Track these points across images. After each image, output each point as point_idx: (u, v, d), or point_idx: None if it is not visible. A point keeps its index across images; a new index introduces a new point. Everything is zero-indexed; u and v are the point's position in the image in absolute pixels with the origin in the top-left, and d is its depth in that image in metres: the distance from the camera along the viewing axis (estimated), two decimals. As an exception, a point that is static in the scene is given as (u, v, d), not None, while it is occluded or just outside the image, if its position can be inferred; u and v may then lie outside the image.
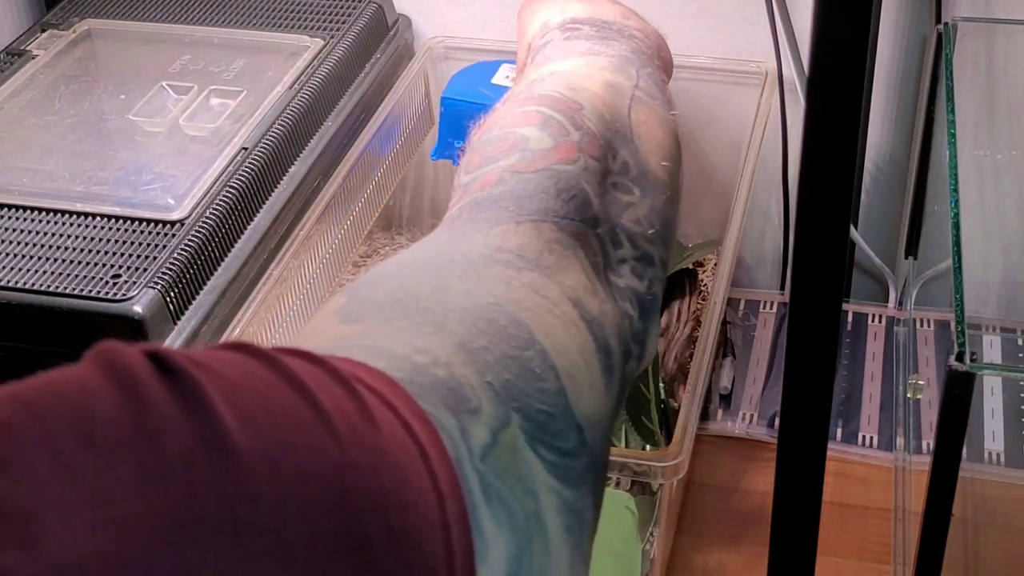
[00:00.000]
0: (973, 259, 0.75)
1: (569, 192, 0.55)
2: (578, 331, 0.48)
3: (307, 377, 0.34)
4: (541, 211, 0.53)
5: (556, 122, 0.58)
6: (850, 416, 1.03)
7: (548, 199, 0.54)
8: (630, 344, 0.53)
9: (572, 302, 0.49)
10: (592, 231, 0.54)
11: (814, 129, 0.56)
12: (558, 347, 0.46)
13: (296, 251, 0.88)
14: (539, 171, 0.55)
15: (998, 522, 0.94)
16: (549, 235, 0.52)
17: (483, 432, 0.39)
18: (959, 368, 0.65)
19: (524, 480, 0.40)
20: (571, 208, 0.54)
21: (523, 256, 0.50)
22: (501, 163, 0.56)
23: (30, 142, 0.96)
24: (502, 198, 0.54)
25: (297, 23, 1.10)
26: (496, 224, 0.52)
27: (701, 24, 1.13)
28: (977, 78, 1.03)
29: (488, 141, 0.58)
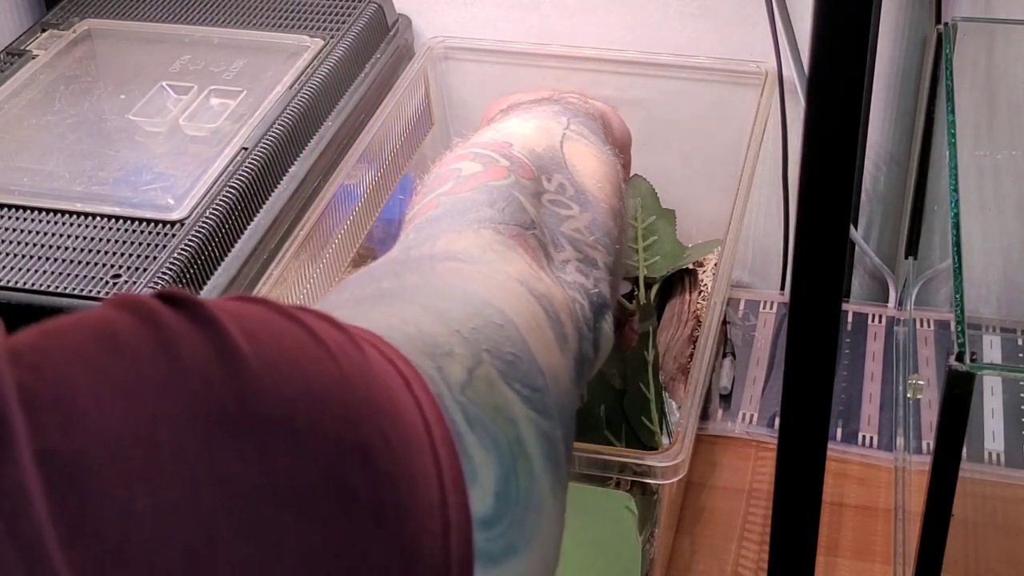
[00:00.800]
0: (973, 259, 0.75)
1: (503, 201, 0.61)
2: (528, 302, 0.53)
3: (302, 315, 0.38)
4: (478, 219, 0.59)
5: (487, 156, 0.65)
6: (850, 416, 1.03)
7: (483, 208, 0.60)
8: (581, 325, 0.58)
9: (519, 281, 0.54)
10: (528, 231, 0.60)
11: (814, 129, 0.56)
12: (513, 309, 0.50)
13: (296, 251, 0.88)
14: (472, 189, 0.62)
15: (998, 522, 0.94)
16: (488, 238, 0.58)
17: (459, 370, 0.43)
18: (959, 368, 0.65)
19: (504, 410, 0.44)
20: (506, 214, 0.60)
21: (467, 254, 0.56)
22: (437, 191, 0.63)
23: (30, 142, 0.96)
24: (441, 217, 0.60)
25: (297, 23, 1.10)
26: (439, 237, 0.58)
27: (701, 24, 1.13)
28: (977, 78, 1.03)
29: (426, 182, 0.66)
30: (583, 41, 1.14)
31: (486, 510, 0.40)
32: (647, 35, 1.15)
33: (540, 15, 1.17)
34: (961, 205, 0.77)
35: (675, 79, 1.09)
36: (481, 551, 0.39)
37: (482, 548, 0.39)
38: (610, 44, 1.13)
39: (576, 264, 0.62)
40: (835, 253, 0.59)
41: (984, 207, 0.97)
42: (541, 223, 0.62)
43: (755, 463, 1.00)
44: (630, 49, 1.12)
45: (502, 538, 0.41)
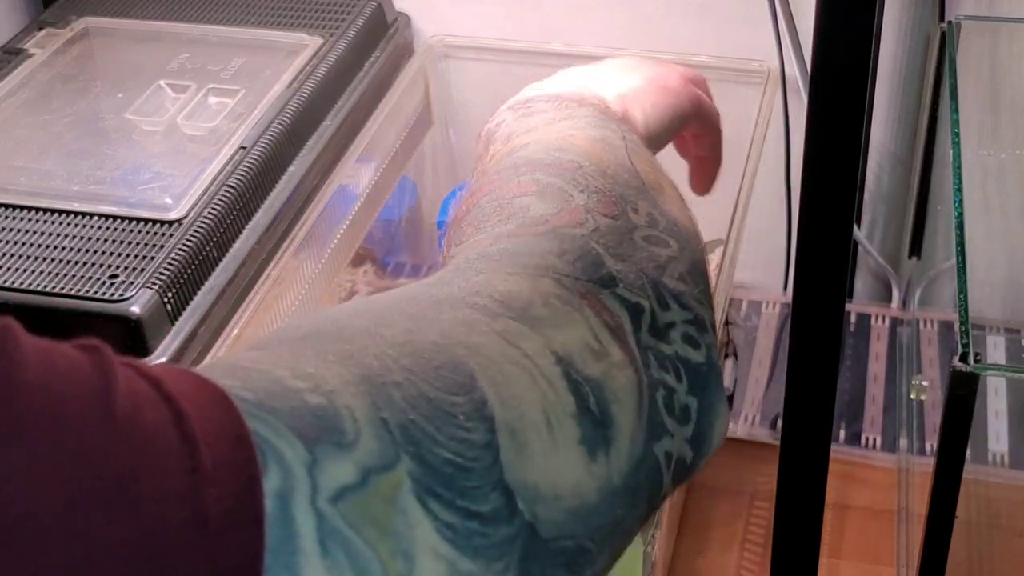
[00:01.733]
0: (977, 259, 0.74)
1: (575, 253, 0.48)
2: (551, 388, 0.42)
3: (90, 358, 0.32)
4: (539, 266, 0.47)
5: (556, 188, 0.52)
6: (853, 417, 1.03)
7: (549, 257, 0.48)
8: (663, 418, 0.46)
9: (557, 358, 0.44)
10: (607, 291, 0.48)
11: (817, 128, 0.56)
12: (508, 399, 0.40)
13: (295, 251, 0.88)
14: (540, 234, 0.50)
15: (1002, 523, 0.94)
16: (546, 288, 0.46)
17: (349, 470, 0.34)
18: (963, 369, 0.65)
19: (396, 536, 0.35)
20: (577, 268, 0.48)
21: (505, 303, 0.45)
22: (497, 230, 0.51)
23: (27, 141, 0.95)
24: (494, 255, 0.49)
25: (296, 21, 1.10)
26: (481, 273, 0.47)
27: (703, 23, 1.13)
28: (981, 77, 1.03)
29: (480, 212, 0.53)
30: (584, 39, 1.14)
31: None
32: (649, 33, 1.14)
33: (541, 13, 1.16)
34: (965, 205, 0.76)
35: (677, 78, 1.09)
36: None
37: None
38: (611, 42, 1.13)
39: (683, 329, 0.49)
40: (838, 253, 0.58)
41: (988, 207, 0.97)
42: (633, 276, 0.49)
43: (757, 464, 0.99)
44: (632, 47, 1.11)
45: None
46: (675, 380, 0.47)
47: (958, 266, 0.72)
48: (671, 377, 0.47)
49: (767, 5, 1.07)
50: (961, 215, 0.75)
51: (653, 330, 0.48)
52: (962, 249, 0.73)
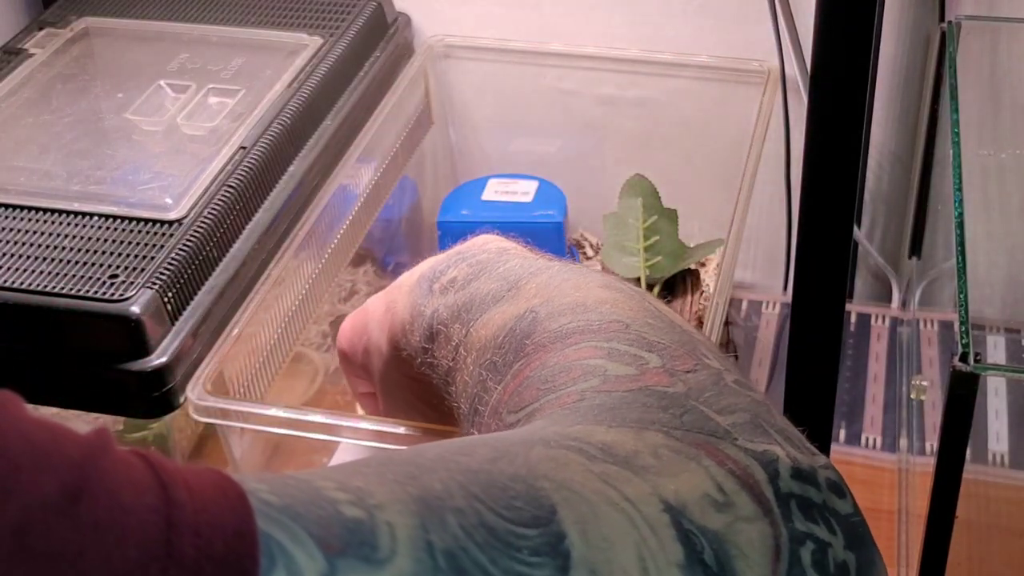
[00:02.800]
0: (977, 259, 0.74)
1: (679, 409, 0.44)
2: (653, 535, 0.38)
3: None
4: (643, 420, 0.42)
5: (622, 352, 0.48)
6: (853, 417, 1.02)
7: (652, 412, 0.43)
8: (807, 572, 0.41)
9: (666, 505, 0.39)
10: (724, 440, 0.42)
11: (817, 128, 0.56)
12: (594, 539, 0.37)
13: (295, 251, 0.87)
14: (633, 391, 0.45)
15: (1002, 524, 0.93)
16: (655, 440, 0.41)
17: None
18: (963, 369, 0.64)
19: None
20: (685, 422, 0.43)
21: (607, 451, 0.40)
22: (579, 387, 0.46)
23: (27, 141, 0.95)
24: (585, 409, 0.44)
25: (296, 21, 1.10)
26: (579, 423, 0.42)
27: (703, 22, 1.13)
28: (981, 77, 1.03)
29: (542, 374, 0.48)
30: (584, 39, 1.14)
31: None
32: (649, 33, 1.14)
33: (541, 13, 1.16)
34: (965, 204, 0.76)
35: (677, 77, 1.09)
36: None
37: None
38: (611, 42, 1.13)
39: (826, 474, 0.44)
40: (838, 253, 0.58)
41: (988, 206, 0.97)
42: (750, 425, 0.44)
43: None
44: (632, 47, 1.11)
45: None
46: (827, 532, 0.42)
47: (958, 266, 0.72)
48: (822, 529, 0.42)
49: (767, 5, 1.07)
50: (961, 215, 0.75)
51: (797, 475, 0.43)
52: (962, 249, 0.73)
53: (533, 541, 0.35)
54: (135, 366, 0.79)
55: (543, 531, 0.36)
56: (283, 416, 0.75)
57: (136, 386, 0.79)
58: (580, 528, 0.37)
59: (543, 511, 0.36)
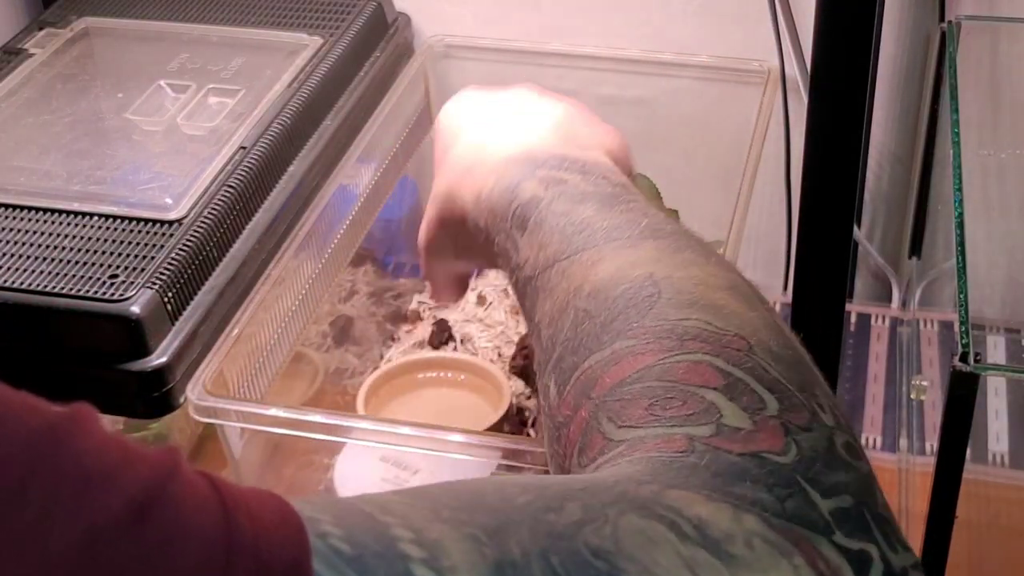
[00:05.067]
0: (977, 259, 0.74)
1: (786, 490, 0.41)
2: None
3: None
4: (747, 499, 0.40)
5: (744, 386, 0.45)
6: (853, 417, 1.02)
7: (758, 489, 0.41)
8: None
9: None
10: (825, 538, 0.41)
11: (817, 128, 0.56)
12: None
13: (295, 251, 0.87)
14: (744, 455, 0.43)
15: (1002, 524, 0.93)
16: (751, 526, 0.39)
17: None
18: (963, 369, 0.64)
19: None
20: (788, 508, 0.41)
21: (700, 529, 0.38)
22: (689, 430, 0.44)
23: (27, 141, 0.95)
24: (693, 467, 0.42)
25: (296, 21, 1.10)
26: (676, 487, 0.41)
27: (703, 22, 1.13)
28: (981, 77, 1.03)
29: (654, 392, 0.46)
30: (584, 39, 1.14)
31: None
32: (649, 33, 1.14)
33: (541, 13, 1.16)
34: (965, 204, 0.76)
35: (677, 78, 1.09)
36: None
37: None
38: (612, 42, 1.13)
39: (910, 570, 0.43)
40: (838, 253, 0.58)
41: (988, 206, 0.97)
42: (854, 517, 0.42)
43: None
44: (632, 47, 1.11)
45: None
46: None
47: (958, 266, 0.72)
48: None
49: (767, 5, 1.06)
50: (961, 215, 0.75)
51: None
52: (962, 249, 0.73)
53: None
54: (135, 366, 0.79)
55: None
56: (283, 416, 0.75)
57: (136, 386, 0.79)
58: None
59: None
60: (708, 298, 0.49)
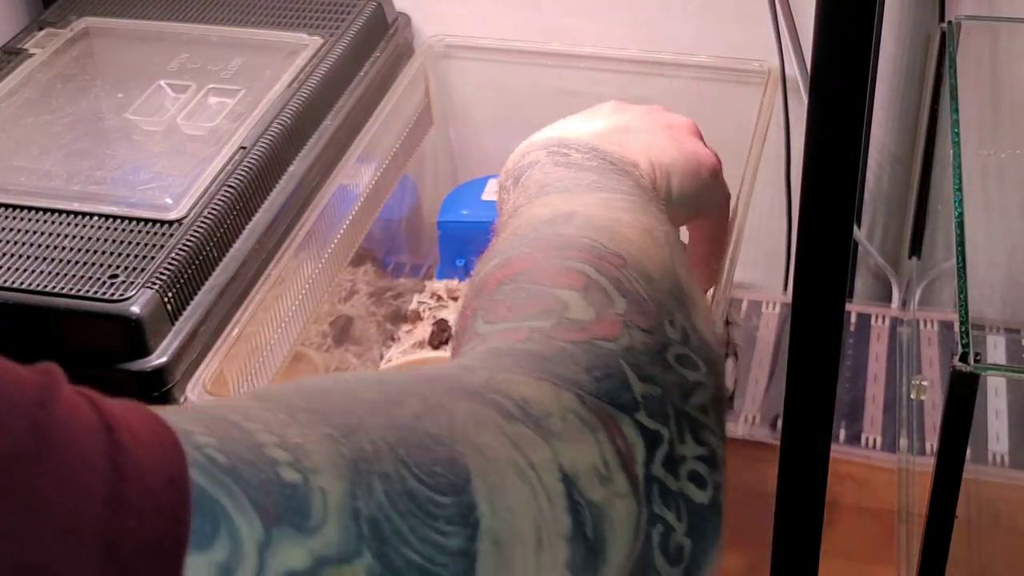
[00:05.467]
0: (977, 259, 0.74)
1: (603, 370, 0.47)
2: (550, 506, 0.41)
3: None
4: (565, 378, 0.46)
5: (599, 288, 0.51)
6: (853, 417, 1.02)
7: (578, 371, 0.47)
8: (654, 557, 0.45)
9: (563, 475, 0.42)
10: (627, 416, 0.46)
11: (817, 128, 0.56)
12: (501, 509, 0.40)
13: (295, 251, 0.87)
14: (575, 343, 0.48)
15: (1002, 524, 0.93)
16: (568, 403, 0.45)
17: (301, 556, 0.33)
18: (963, 369, 0.64)
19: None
20: (601, 388, 0.46)
21: (524, 409, 0.43)
22: (533, 323, 0.49)
23: (27, 141, 0.95)
24: (526, 354, 0.47)
25: (296, 21, 1.10)
26: (507, 371, 0.46)
27: (703, 22, 1.13)
28: (981, 77, 1.03)
29: (518, 294, 0.51)
30: (584, 39, 1.14)
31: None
32: (649, 33, 1.14)
33: (541, 13, 1.16)
34: (965, 204, 0.76)
35: (677, 78, 1.09)
36: None
37: None
38: (611, 42, 1.13)
39: (692, 465, 0.48)
40: (838, 253, 0.58)
41: (988, 206, 0.97)
42: (657, 402, 0.48)
43: (757, 464, 0.99)
44: (631, 47, 1.11)
45: None
46: (675, 518, 0.46)
47: (958, 266, 0.72)
48: (672, 515, 0.46)
49: (767, 5, 1.06)
50: (961, 215, 0.75)
51: (667, 462, 0.47)
52: (962, 249, 0.73)
53: (448, 510, 0.38)
54: (135, 366, 0.79)
55: (457, 500, 0.38)
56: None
57: (136, 386, 0.79)
58: (489, 499, 0.39)
59: (459, 479, 0.39)
60: (613, 229, 0.55)
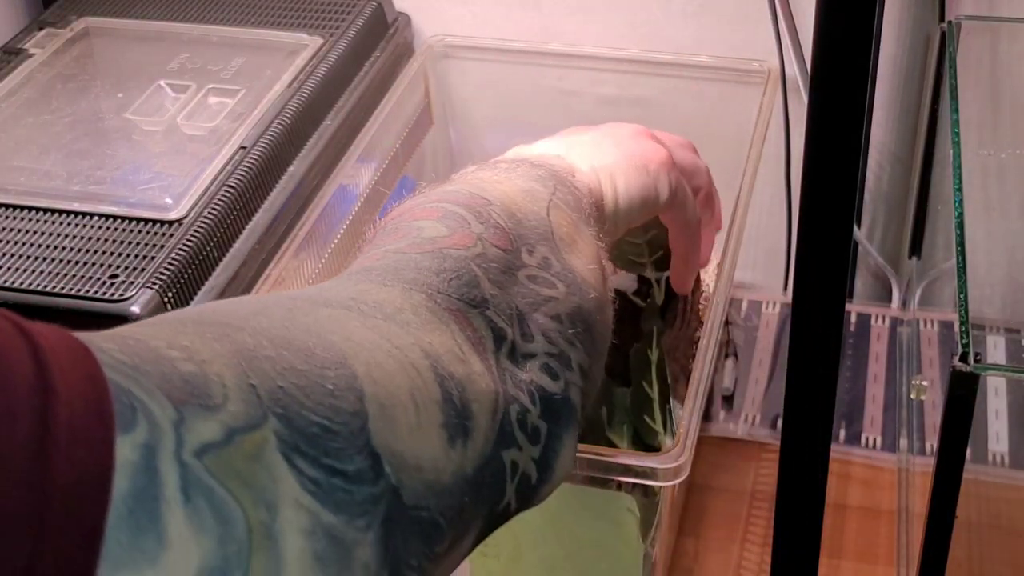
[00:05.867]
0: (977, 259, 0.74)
1: (453, 272, 0.52)
2: (419, 376, 0.46)
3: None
4: (414, 281, 0.51)
5: (458, 216, 0.56)
6: (853, 417, 1.02)
7: (427, 274, 0.52)
8: (514, 433, 0.50)
9: (425, 353, 0.47)
10: (476, 311, 0.52)
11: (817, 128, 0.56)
12: (379, 378, 0.43)
13: (295, 251, 0.87)
14: (424, 253, 0.53)
15: (1002, 524, 0.93)
16: (417, 301, 0.50)
17: (213, 428, 0.36)
18: (963, 369, 0.64)
19: (260, 489, 0.37)
20: (451, 287, 0.52)
21: (378, 308, 0.48)
22: (388, 247, 0.55)
23: (27, 141, 0.95)
24: (377, 268, 0.52)
25: (296, 21, 1.10)
26: (361, 283, 0.51)
27: (702, 22, 1.13)
28: (981, 77, 1.03)
29: (381, 233, 0.58)
30: (584, 39, 1.14)
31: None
32: (649, 33, 1.14)
33: (541, 13, 1.16)
34: (965, 204, 0.76)
35: (677, 78, 1.09)
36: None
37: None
38: (611, 42, 1.13)
39: (543, 360, 0.54)
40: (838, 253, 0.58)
41: (988, 206, 0.97)
42: (504, 304, 0.53)
43: (757, 465, 0.99)
44: (631, 47, 1.11)
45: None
46: (529, 402, 0.51)
47: (958, 266, 0.72)
48: (525, 398, 0.51)
49: (767, 5, 1.06)
50: (961, 215, 0.75)
51: (511, 356, 0.52)
52: (962, 249, 0.73)
53: (335, 380, 0.42)
54: (135, 366, 0.79)
55: (339, 372, 0.42)
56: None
57: (136, 386, 0.79)
58: (366, 369, 0.43)
59: (337, 356, 0.43)
60: (490, 185, 0.61)
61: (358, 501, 0.40)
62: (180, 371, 0.37)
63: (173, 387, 0.36)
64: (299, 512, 0.38)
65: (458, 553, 0.48)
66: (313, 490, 0.38)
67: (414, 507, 0.43)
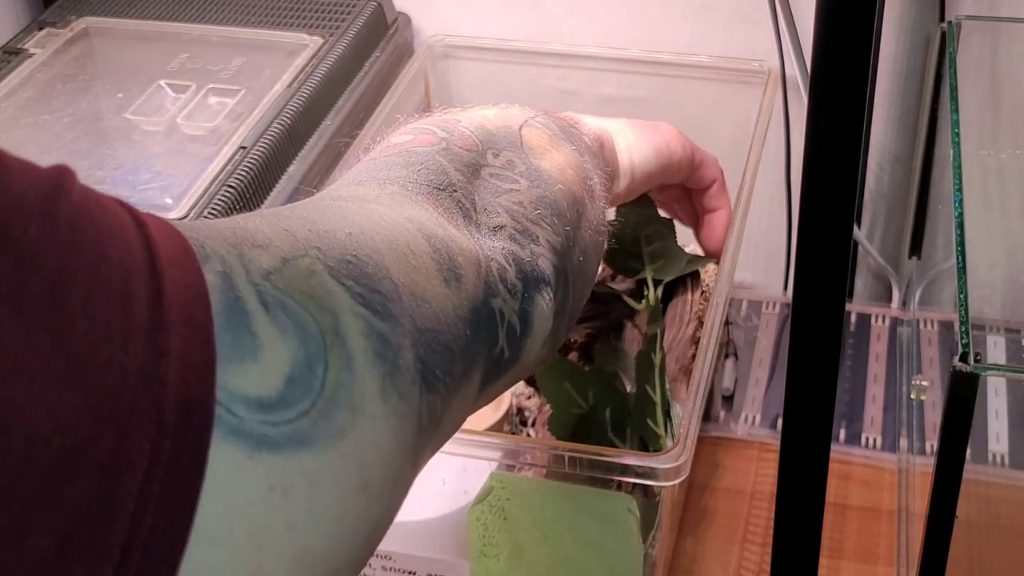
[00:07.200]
0: (977, 259, 0.74)
1: (420, 164, 0.58)
2: (408, 232, 0.51)
3: None
4: (386, 178, 0.57)
5: (424, 128, 0.62)
6: (853, 417, 1.02)
7: (396, 170, 0.58)
8: (495, 283, 0.55)
9: (409, 219, 0.53)
10: (444, 193, 0.57)
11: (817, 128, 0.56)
12: (379, 229, 0.49)
13: (295, 251, 0.87)
14: (391, 155, 0.60)
15: (1002, 524, 0.93)
16: (391, 190, 0.56)
17: (269, 258, 0.42)
18: (963, 369, 0.64)
19: (320, 300, 0.43)
20: (420, 176, 0.58)
21: (359, 197, 0.55)
22: (363, 162, 0.61)
23: (27, 141, 0.95)
24: (349, 177, 0.59)
25: (296, 21, 1.10)
26: (337, 189, 0.57)
27: (703, 22, 1.13)
28: (981, 77, 1.03)
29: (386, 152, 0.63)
30: (584, 39, 1.14)
31: (268, 391, 0.39)
32: (649, 33, 1.14)
33: (541, 13, 1.16)
34: (965, 204, 0.76)
35: (677, 78, 1.09)
36: (252, 432, 0.38)
37: (254, 429, 0.38)
38: (612, 42, 1.13)
39: (511, 232, 0.59)
40: (838, 253, 0.58)
41: (988, 206, 0.97)
42: (469, 191, 0.59)
43: (758, 465, 0.99)
44: (632, 47, 1.11)
45: (288, 425, 0.39)
46: (505, 263, 0.57)
47: (958, 266, 0.72)
48: (501, 259, 0.57)
49: (767, 5, 1.07)
50: (961, 215, 0.75)
51: (480, 230, 0.58)
52: (962, 249, 0.73)
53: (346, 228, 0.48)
54: (135, 366, 0.79)
55: (347, 223, 0.48)
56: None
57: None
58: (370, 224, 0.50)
59: (340, 214, 0.50)
60: (471, 112, 0.66)
61: (392, 313, 0.46)
62: (226, 227, 0.43)
63: (225, 237, 0.42)
64: (356, 319, 0.43)
65: (469, 386, 0.53)
66: (363, 302, 0.44)
67: (428, 330, 0.48)
